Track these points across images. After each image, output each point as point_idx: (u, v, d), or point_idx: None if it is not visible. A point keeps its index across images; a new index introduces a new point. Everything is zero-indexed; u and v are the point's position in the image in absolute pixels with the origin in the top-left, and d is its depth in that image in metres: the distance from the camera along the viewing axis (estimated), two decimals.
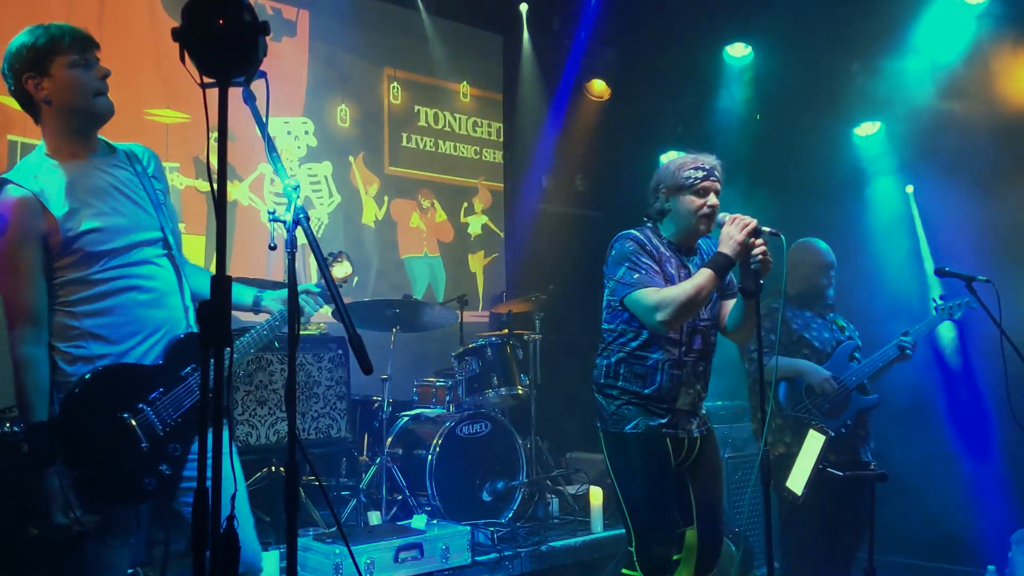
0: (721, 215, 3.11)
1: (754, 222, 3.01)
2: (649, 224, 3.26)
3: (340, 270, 2.86)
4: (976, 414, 5.36)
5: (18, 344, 2.45)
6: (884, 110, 5.87)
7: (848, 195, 5.99)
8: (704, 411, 3.31)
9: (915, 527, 5.18)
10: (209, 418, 1.59)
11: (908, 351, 4.28)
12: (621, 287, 3.10)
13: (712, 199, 3.15)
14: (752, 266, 2.99)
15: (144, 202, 2.65)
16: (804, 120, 6.12)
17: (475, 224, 7.04)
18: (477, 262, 7.03)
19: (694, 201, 3.14)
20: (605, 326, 3.27)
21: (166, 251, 2.67)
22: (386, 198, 6.50)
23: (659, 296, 3.01)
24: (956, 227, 5.43)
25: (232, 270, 5.24)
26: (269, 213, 2.06)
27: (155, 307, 2.59)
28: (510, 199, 7.26)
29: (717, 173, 3.18)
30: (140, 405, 2.49)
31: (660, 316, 2.99)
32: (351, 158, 6.33)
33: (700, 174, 3.14)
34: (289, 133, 6.00)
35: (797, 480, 3.45)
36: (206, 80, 1.70)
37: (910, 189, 5.84)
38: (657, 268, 3.12)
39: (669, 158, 6.50)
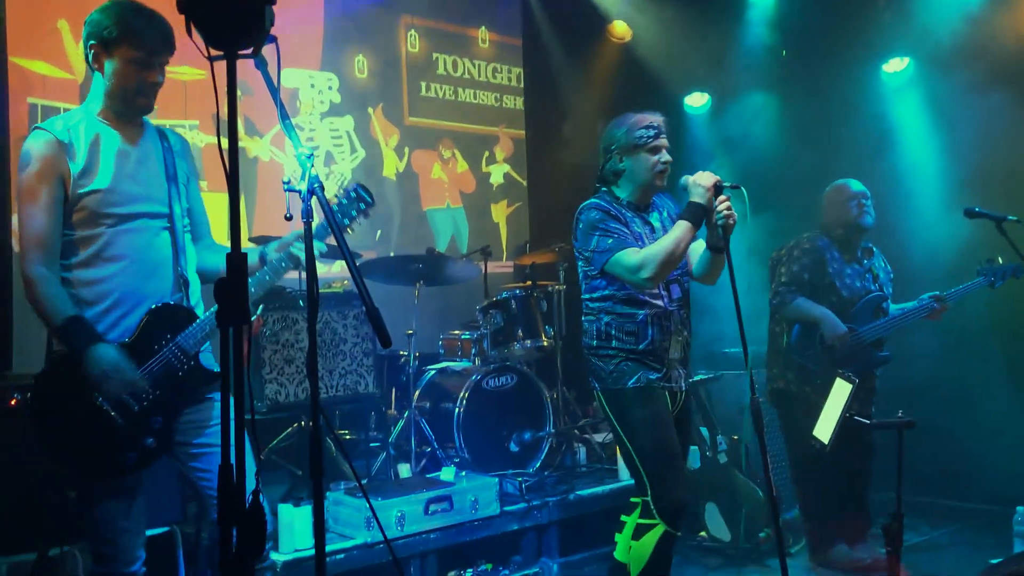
0: (684, 178, 3.20)
1: (716, 177, 3.11)
2: (604, 189, 3.35)
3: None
4: (1005, 355, 5.30)
5: (28, 266, 2.57)
6: (913, 45, 5.71)
7: (876, 135, 5.87)
8: (688, 363, 3.42)
9: (942, 468, 5.17)
10: (230, 393, 1.60)
11: (938, 311, 4.24)
12: (598, 256, 3.19)
13: (665, 155, 3.27)
14: (718, 222, 3.09)
15: (159, 176, 2.72)
16: (831, 57, 6.00)
17: (497, 173, 6.99)
18: (500, 212, 6.99)
19: (649, 158, 3.25)
20: (585, 295, 3.37)
21: (168, 226, 2.73)
22: (407, 149, 6.46)
23: (641, 255, 3.12)
24: (988, 165, 5.32)
25: (256, 227, 5.29)
26: (284, 183, 2.05)
27: (144, 278, 2.66)
28: (532, 147, 7.18)
29: (665, 129, 3.29)
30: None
31: (645, 273, 3.09)
32: (370, 110, 6.29)
33: (652, 132, 3.25)
34: (313, 87, 5.95)
35: (824, 428, 3.45)
36: (213, 53, 1.68)
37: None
38: (627, 230, 3.21)
39: (691, 104, 6.46)
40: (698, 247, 3.33)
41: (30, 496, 3.20)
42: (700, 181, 3.10)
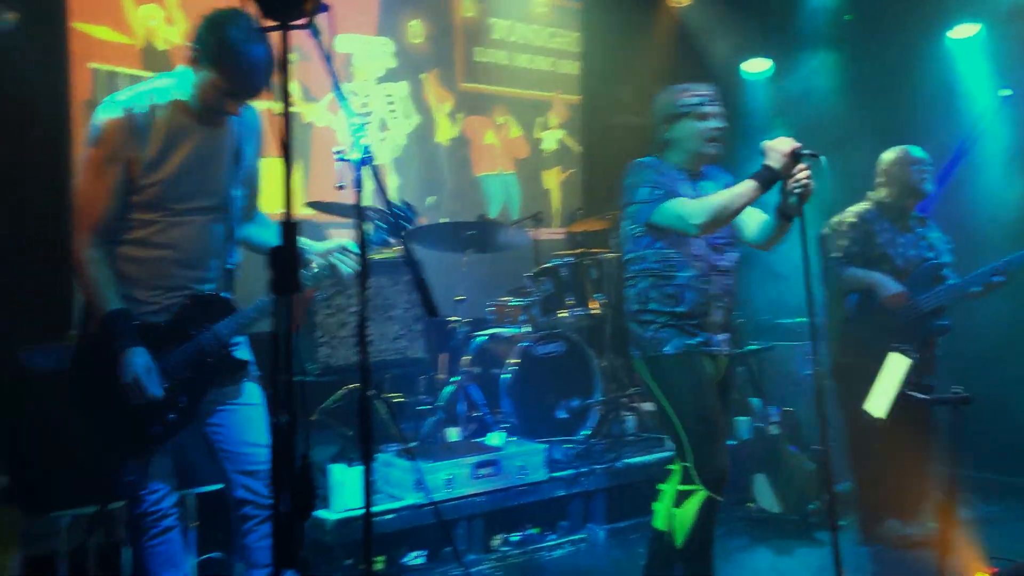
0: (763, 143, 3.11)
1: (796, 144, 3.02)
2: (656, 155, 3.31)
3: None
4: None
5: (80, 248, 2.61)
6: (984, 10, 5.52)
7: (940, 103, 5.70)
8: (733, 329, 3.39)
9: (1001, 444, 5.07)
10: (282, 362, 1.63)
11: (997, 284, 4.13)
12: (645, 207, 3.15)
13: (714, 122, 3.22)
14: (795, 190, 3.02)
15: (223, 168, 2.74)
16: (895, 22, 5.83)
17: (550, 140, 6.95)
18: (552, 178, 6.96)
19: (696, 125, 3.21)
20: (628, 255, 3.33)
21: (220, 218, 2.77)
22: (460, 115, 6.44)
23: (693, 203, 3.09)
24: None
25: (310, 193, 5.32)
26: (336, 153, 2.07)
27: (186, 267, 2.71)
28: (587, 113, 7.11)
29: (716, 98, 3.24)
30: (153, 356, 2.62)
31: (695, 220, 3.04)
32: (424, 75, 6.27)
33: (697, 99, 3.21)
34: (368, 52, 5.95)
35: (877, 402, 3.40)
36: (268, 23, 1.69)
37: (1006, 92, 5.51)
38: (675, 187, 3.17)
39: (748, 73, 6.33)
40: (756, 215, 3.30)
41: (91, 453, 3.30)
42: (778, 146, 3.02)
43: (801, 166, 3.00)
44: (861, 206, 4.34)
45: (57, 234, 4.66)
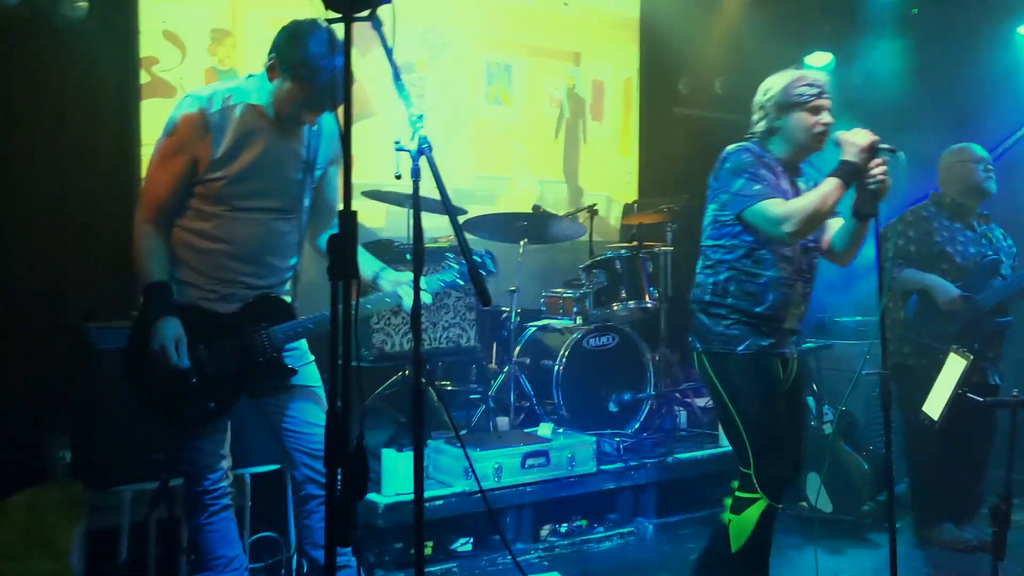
0: (836, 134, 3.00)
1: (873, 137, 2.90)
2: (756, 140, 3.14)
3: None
4: None
5: (138, 222, 2.73)
6: None
7: (1008, 100, 5.56)
8: (799, 332, 3.26)
9: None
10: (339, 345, 1.67)
11: None
12: (740, 199, 2.99)
13: (826, 116, 3.06)
14: (870, 186, 2.89)
15: (293, 173, 2.80)
16: (963, 16, 5.69)
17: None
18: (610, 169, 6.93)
19: (807, 119, 3.04)
20: (710, 242, 3.15)
21: (284, 218, 2.83)
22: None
23: (786, 207, 2.92)
24: None
25: (362, 174, 5.33)
26: (395, 143, 2.11)
27: (241, 261, 2.78)
28: (644, 104, 7.07)
29: (828, 90, 3.07)
30: (200, 345, 2.71)
31: (787, 227, 2.89)
32: None
33: (813, 91, 3.04)
34: (425, 43, 5.98)
35: (934, 404, 3.34)
36: (331, 16, 1.73)
37: None
38: (776, 181, 3.02)
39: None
40: (834, 223, 3.16)
41: (152, 429, 3.39)
42: (855, 139, 2.89)
43: (877, 161, 2.87)
44: (919, 204, 4.28)
45: (126, 217, 4.82)
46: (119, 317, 3.92)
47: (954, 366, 3.30)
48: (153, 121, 4.93)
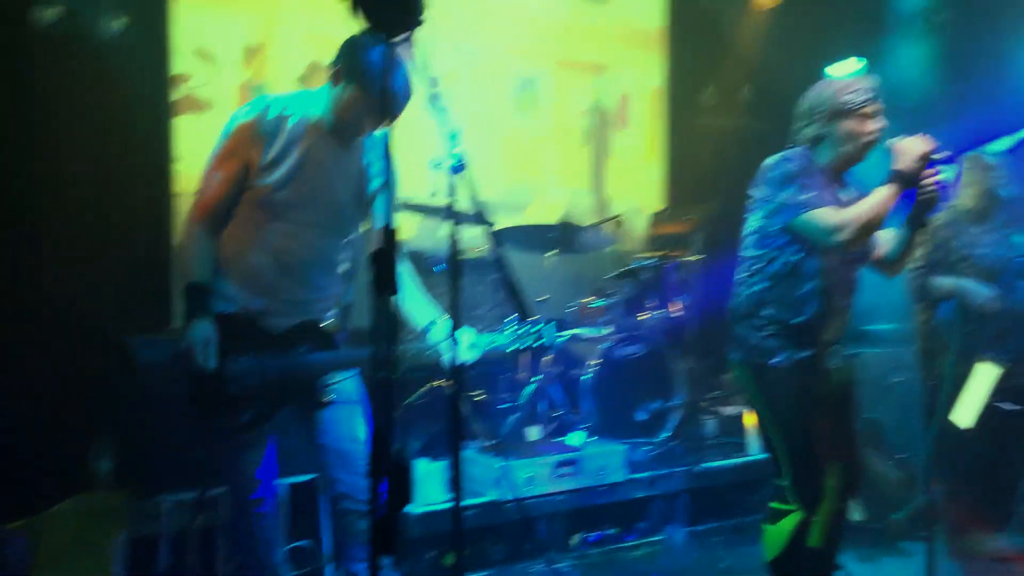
0: (889, 141, 2.98)
1: (930, 144, 2.87)
2: (802, 148, 3.10)
3: None
4: None
5: (189, 225, 2.78)
6: None
7: None
8: (843, 341, 3.20)
9: None
10: (381, 362, 1.71)
11: None
12: (790, 208, 2.94)
13: (875, 123, 3.01)
14: (922, 196, 2.87)
15: (345, 194, 2.85)
16: (992, 23, 5.67)
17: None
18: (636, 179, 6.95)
19: (857, 126, 2.99)
20: (752, 252, 3.12)
21: (333, 233, 2.89)
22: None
23: (841, 216, 2.89)
24: None
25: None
26: (431, 161, 2.15)
27: (283, 274, 2.82)
28: (671, 113, 7.09)
29: (880, 95, 3.02)
30: (241, 357, 2.76)
31: (843, 236, 2.87)
32: None
33: (864, 96, 2.99)
34: (456, 55, 6.04)
35: (964, 412, 3.35)
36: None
37: None
38: (823, 190, 2.98)
39: (832, 75, 6.26)
40: (882, 233, 3.13)
41: (192, 440, 3.46)
42: (909, 148, 2.86)
43: (929, 171, 2.85)
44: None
45: (162, 231, 4.92)
46: (158, 330, 4.01)
47: (985, 374, 3.31)
48: (186, 137, 5.03)
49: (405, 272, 3.06)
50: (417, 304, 2.97)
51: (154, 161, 4.93)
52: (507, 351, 2.94)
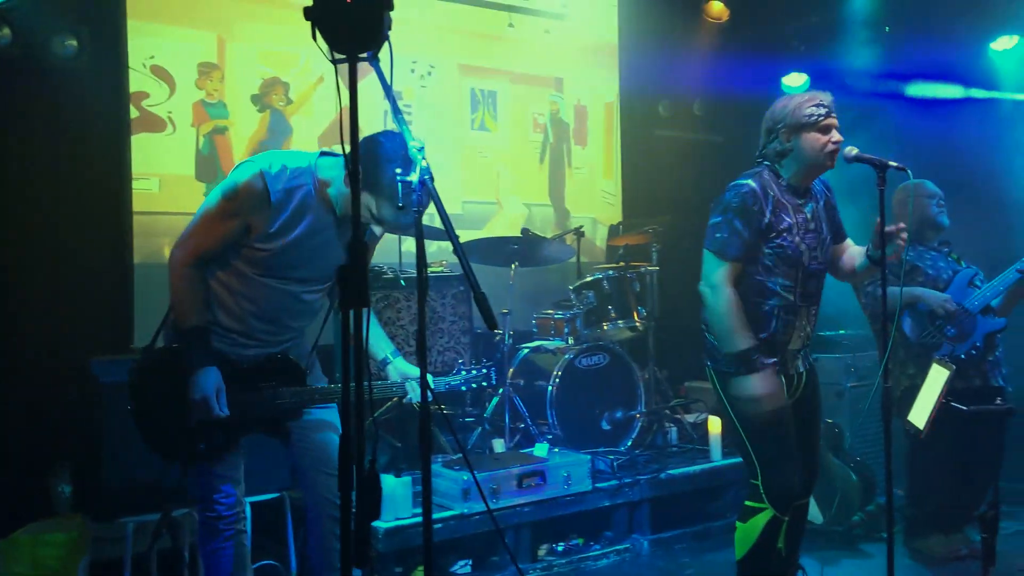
0: (848, 149, 3.12)
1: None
2: (767, 164, 3.22)
3: None
4: None
5: (179, 264, 2.72)
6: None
7: (981, 114, 5.70)
8: (809, 347, 3.33)
9: None
10: (350, 373, 1.73)
11: None
12: (707, 235, 3.16)
13: (836, 135, 3.14)
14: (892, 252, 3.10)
15: (335, 257, 2.79)
16: (936, 33, 5.84)
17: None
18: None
19: (819, 139, 3.12)
20: None
21: (318, 290, 2.91)
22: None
23: (719, 281, 3.08)
24: None
25: None
26: (397, 174, 2.17)
27: (263, 320, 2.84)
28: (626, 127, 7.18)
29: (834, 108, 3.16)
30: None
31: (705, 291, 3.11)
32: None
33: (822, 111, 3.12)
34: (413, 72, 6.08)
35: (919, 414, 3.43)
36: (336, 56, 1.80)
37: None
38: (751, 231, 3.08)
39: (788, 87, 6.39)
40: (844, 246, 3.33)
41: (154, 461, 3.43)
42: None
43: (903, 235, 3.07)
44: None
45: (119, 251, 4.87)
46: (119, 351, 3.97)
47: (937, 376, 3.40)
48: (143, 155, 5.00)
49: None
50: (375, 337, 3.01)
51: (112, 180, 4.90)
52: (460, 390, 3.06)
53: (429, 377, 2.82)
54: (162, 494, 3.35)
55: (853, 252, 3.30)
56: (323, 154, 2.81)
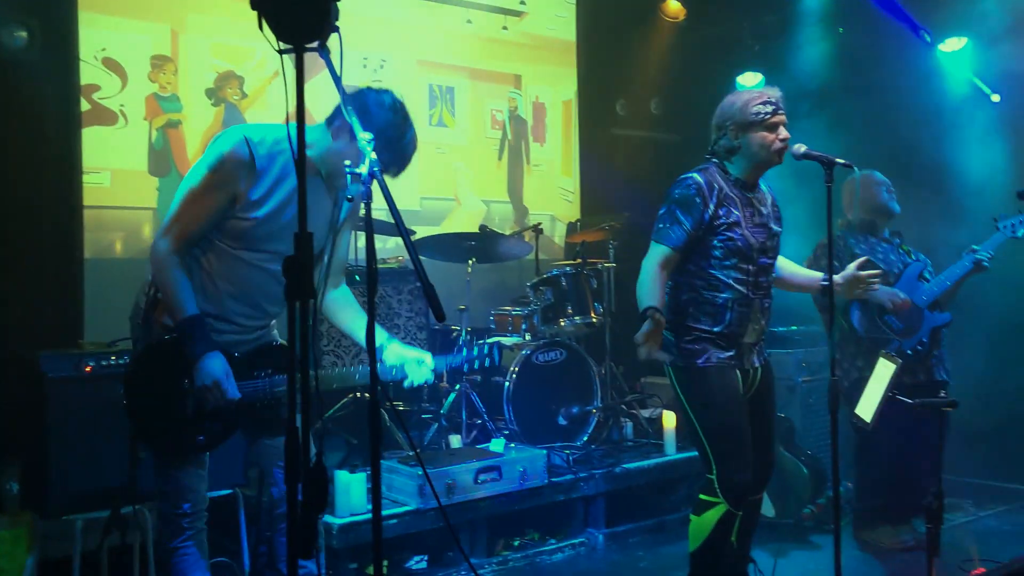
0: (796, 146, 3.17)
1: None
2: (715, 161, 3.28)
3: None
4: None
5: (166, 252, 2.66)
6: (973, 25, 5.64)
7: (932, 115, 5.82)
8: (763, 341, 3.40)
9: (990, 449, 5.23)
10: (296, 365, 1.73)
11: (985, 263, 4.24)
12: (655, 227, 3.22)
13: (783, 132, 3.20)
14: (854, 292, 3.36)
15: (322, 228, 2.82)
16: (888, 34, 5.94)
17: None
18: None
19: (766, 136, 3.17)
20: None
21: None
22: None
23: (651, 269, 3.16)
24: None
25: None
26: (346, 166, 2.17)
27: (239, 301, 2.81)
28: (584, 125, 7.23)
29: (783, 104, 3.21)
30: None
31: (642, 269, 3.18)
32: None
33: (770, 108, 3.17)
34: (365, 67, 6.07)
35: (866, 407, 3.50)
36: (283, 46, 1.80)
37: (996, 98, 5.63)
38: (693, 222, 3.15)
39: (741, 82, 6.45)
40: (796, 270, 3.47)
41: (103, 458, 3.39)
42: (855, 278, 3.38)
43: (875, 276, 3.31)
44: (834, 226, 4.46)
45: (69, 245, 4.81)
46: (68, 345, 3.91)
47: (884, 370, 3.47)
48: (95, 148, 4.93)
49: (347, 292, 3.07)
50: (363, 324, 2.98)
51: (63, 173, 4.82)
52: (463, 371, 2.98)
53: (430, 356, 2.89)
54: (111, 491, 3.31)
55: (796, 270, 3.47)
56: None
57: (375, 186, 2.15)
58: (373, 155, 2.16)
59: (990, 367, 5.10)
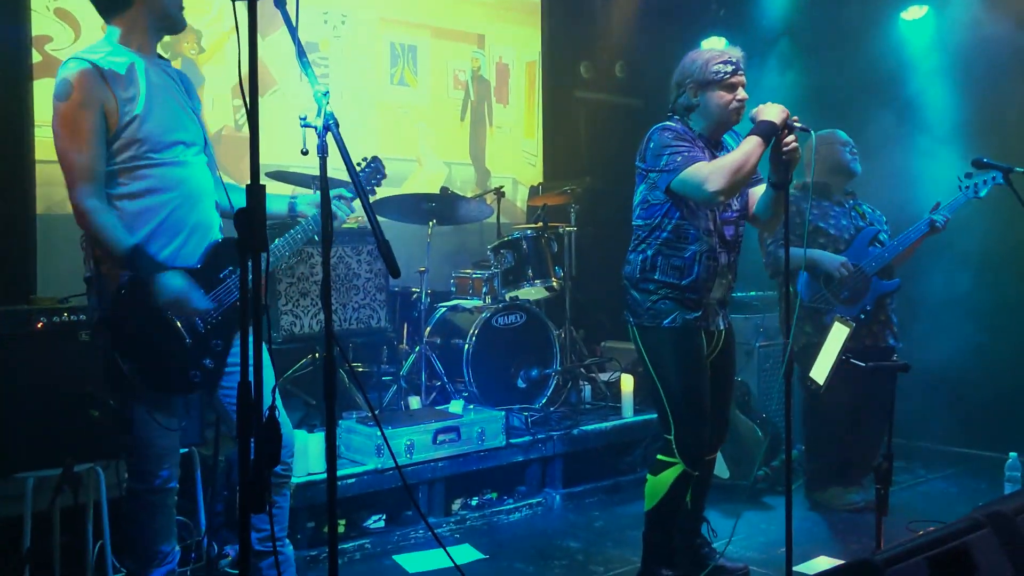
0: (754, 110, 3.15)
1: (786, 111, 3.06)
2: (676, 117, 3.29)
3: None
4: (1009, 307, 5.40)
5: (80, 198, 2.62)
6: None
7: (892, 83, 5.87)
8: (727, 304, 3.41)
9: (940, 414, 5.36)
10: (249, 317, 1.71)
11: (939, 225, 4.30)
12: (665, 175, 3.13)
13: (741, 92, 3.21)
14: (783, 156, 3.05)
15: (185, 107, 2.83)
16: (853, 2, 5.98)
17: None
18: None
19: (724, 96, 3.19)
20: (639, 221, 3.32)
21: (204, 152, 2.86)
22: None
23: (708, 168, 3.06)
24: (1007, 122, 5.36)
25: (275, 156, 5.31)
26: (300, 119, 2.13)
27: (186, 210, 2.77)
28: (548, 87, 7.18)
29: (743, 65, 3.22)
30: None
31: (712, 186, 3.02)
32: None
33: (729, 68, 3.18)
34: (326, 23, 5.96)
35: (820, 370, 3.55)
36: None
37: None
38: (697, 151, 3.16)
39: (706, 46, 6.45)
40: (758, 190, 3.32)
41: (55, 414, 3.34)
42: (772, 107, 3.05)
43: (790, 134, 3.03)
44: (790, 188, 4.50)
45: (19, 199, 4.70)
46: (11, 301, 3.83)
47: (838, 334, 3.51)
48: (47, 101, 4.79)
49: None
50: (270, 201, 2.88)
51: (14, 127, 4.70)
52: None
53: (345, 192, 2.91)
54: (64, 448, 3.26)
55: (758, 195, 3.33)
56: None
57: (331, 140, 2.11)
58: (329, 108, 2.12)
59: (943, 335, 5.22)
